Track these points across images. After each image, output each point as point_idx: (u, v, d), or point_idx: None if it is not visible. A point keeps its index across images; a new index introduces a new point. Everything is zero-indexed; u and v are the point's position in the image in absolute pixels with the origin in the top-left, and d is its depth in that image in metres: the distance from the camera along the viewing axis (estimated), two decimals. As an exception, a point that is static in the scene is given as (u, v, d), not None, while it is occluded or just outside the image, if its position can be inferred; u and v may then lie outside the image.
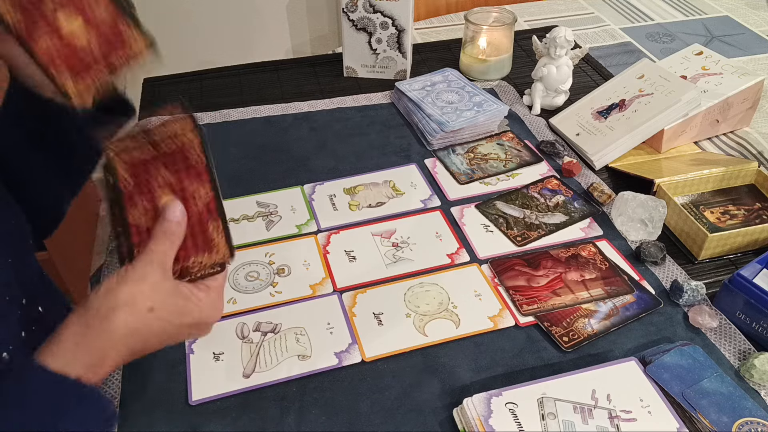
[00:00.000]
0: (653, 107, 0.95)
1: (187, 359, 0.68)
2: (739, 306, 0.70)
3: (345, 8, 1.11)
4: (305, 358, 0.69)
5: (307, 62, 1.25)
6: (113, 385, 0.66)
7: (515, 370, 0.67)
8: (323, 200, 0.90)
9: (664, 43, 1.39)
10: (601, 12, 1.54)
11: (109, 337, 0.48)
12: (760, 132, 1.04)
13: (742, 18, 1.49)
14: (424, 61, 1.23)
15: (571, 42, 1.03)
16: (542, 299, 0.74)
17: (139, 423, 0.63)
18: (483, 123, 1.01)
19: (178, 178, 0.52)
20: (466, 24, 1.14)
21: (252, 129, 1.05)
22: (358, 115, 1.08)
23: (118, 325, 0.48)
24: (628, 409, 0.62)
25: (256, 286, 0.77)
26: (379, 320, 0.73)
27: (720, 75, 1.02)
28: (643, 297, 0.75)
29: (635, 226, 0.83)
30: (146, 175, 0.51)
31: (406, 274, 0.78)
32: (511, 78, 1.18)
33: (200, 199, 0.53)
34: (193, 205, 0.53)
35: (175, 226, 0.51)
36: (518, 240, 0.83)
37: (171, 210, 0.51)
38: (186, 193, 0.53)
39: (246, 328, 0.72)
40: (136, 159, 0.51)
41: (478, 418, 0.60)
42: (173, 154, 0.52)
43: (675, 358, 0.66)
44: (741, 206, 0.87)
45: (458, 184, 0.93)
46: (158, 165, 0.52)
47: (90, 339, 0.48)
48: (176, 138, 0.52)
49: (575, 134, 0.99)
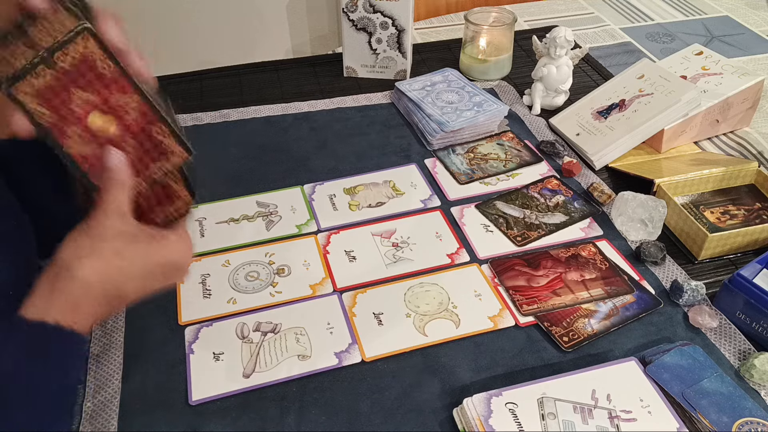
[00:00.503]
0: (653, 107, 0.95)
1: (187, 359, 0.68)
2: (739, 306, 0.70)
3: (345, 8, 1.11)
4: (305, 358, 0.69)
5: (307, 62, 1.25)
6: (113, 385, 0.66)
7: (515, 370, 0.67)
8: (323, 200, 0.90)
9: (664, 43, 1.39)
10: (601, 12, 1.54)
11: (79, 283, 0.49)
12: (760, 132, 1.04)
13: (742, 18, 1.48)
14: (424, 61, 1.23)
15: (571, 42, 1.03)
16: (542, 299, 0.74)
17: (139, 423, 0.63)
18: (483, 123, 1.01)
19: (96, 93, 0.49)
20: (466, 24, 1.14)
21: (252, 129, 1.05)
22: (358, 115, 1.08)
23: (85, 270, 0.49)
24: (628, 409, 0.62)
25: (256, 286, 0.77)
26: (379, 320, 0.73)
27: (720, 75, 1.02)
28: (643, 297, 0.75)
29: (635, 226, 0.83)
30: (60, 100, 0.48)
31: (406, 274, 0.78)
32: (511, 78, 1.18)
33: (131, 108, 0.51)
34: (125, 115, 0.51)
35: (117, 172, 0.51)
36: (518, 240, 0.83)
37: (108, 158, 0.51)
38: (111, 105, 0.50)
39: (246, 328, 0.72)
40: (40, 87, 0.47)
41: (478, 418, 0.60)
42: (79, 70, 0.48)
43: (675, 358, 0.66)
44: (741, 206, 0.87)
45: (458, 184, 0.93)
46: (67, 86, 0.48)
47: (60, 286, 0.49)
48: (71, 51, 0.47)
49: (575, 134, 0.99)
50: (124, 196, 0.52)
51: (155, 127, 0.52)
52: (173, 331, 0.71)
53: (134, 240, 0.51)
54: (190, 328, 0.72)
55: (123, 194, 0.51)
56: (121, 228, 0.51)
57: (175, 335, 0.71)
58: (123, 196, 0.51)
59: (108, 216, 0.50)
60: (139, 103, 0.51)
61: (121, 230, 0.51)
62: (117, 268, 0.50)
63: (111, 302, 0.51)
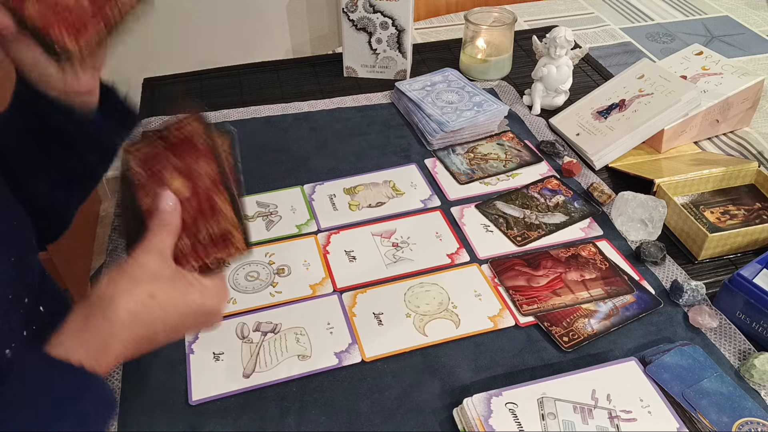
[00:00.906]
0: (653, 107, 0.95)
1: (187, 359, 0.68)
2: (739, 306, 0.70)
3: (345, 8, 1.11)
4: (305, 358, 0.69)
5: (307, 62, 1.25)
6: (113, 385, 0.66)
7: (515, 370, 0.67)
8: (323, 200, 0.90)
9: (664, 43, 1.39)
10: (601, 12, 1.54)
11: (111, 324, 0.48)
12: (760, 132, 1.04)
13: (742, 18, 1.49)
14: (424, 61, 1.23)
15: (571, 42, 1.03)
16: (542, 299, 0.74)
17: (139, 423, 0.63)
18: (483, 123, 1.01)
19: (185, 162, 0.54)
20: (466, 24, 1.14)
21: (252, 129, 1.05)
22: (358, 115, 1.08)
23: (119, 312, 0.48)
24: (628, 409, 0.62)
25: (256, 286, 0.77)
26: (379, 320, 0.73)
27: (720, 75, 1.02)
28: (643, 297, 0.75)
29: (635, 226, 0.83)
30: (157, 165, 0.54)
31: (406, 274, 0.78)
32: (511, 78, 1.18)
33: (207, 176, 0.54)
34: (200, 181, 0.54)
35: (168, 215, 0.52)
36: (518, 240, 0.83)
37: (163, 200, 0.52)
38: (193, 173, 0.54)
39: (246, 328, 0.72)
40: (148, 153, 0.54)
41: (478, 418, 0.60)
42: (181, 143, 0.54)
43: (675, 358, 0.66)
44: (741, 206, 0.87)
45: (458, 184, 0.93)
46: (167, 154, 0.54)
47: (92, 326, 0.48)
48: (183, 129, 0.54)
49: (575, 134, 0.99)
50: (169, 239, 0.52)
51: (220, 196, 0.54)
52: (173, 331, 0.71)
53: (171, 285, 0.51)
54: (190, 328, 0.72)
55: (168, 237, 0.52)
56: (160, 270, 0.50)
57: (175, 335, 0.71)
58: (168, 238, 0.52)
59: (149, 256, 0.50)
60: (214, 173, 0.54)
61: (160, 273, 0.50)
62: (150, 312, 0.49)
63: (140, 345, 0.50)
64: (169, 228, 0.52)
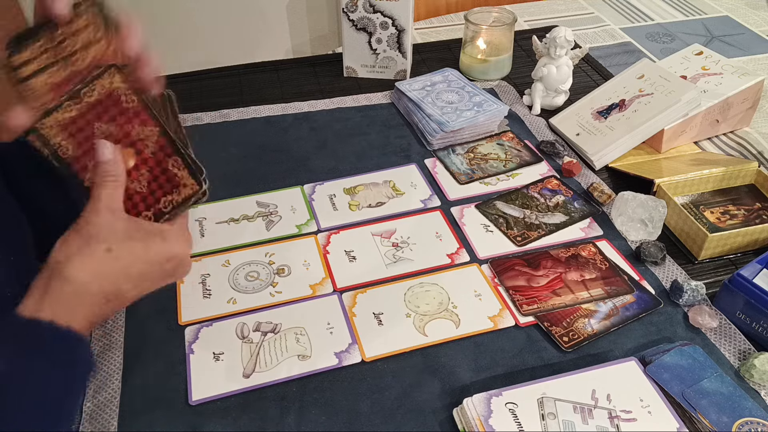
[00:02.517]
0: (653, 107, 0.95)
1: (187, 359, 0.68)
2: (739, 306, 0.70)
3: (345, 8, 1.11)
4: (305, 358, 0.69)
5: (307, 62, 1.25)
6: (113, 385, 0.66)
7: (515, 370, 0.67)
8: (323, 200, 0.90)
9: (664, 43, 1.39)
10: (601, 12, 1.54)
11: (71, 285, 0.48)
12: (760, 132, 1.04)
13: (742, 18, 1.48)
14: (424, 61, 1.23)
15: (571, 42, 1.03)
16: (542, 299, 0.74)
17: (139, 423, 0.63)
18: (483, 123, 1.01)
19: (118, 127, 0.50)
20: (466, 24, 1.14)
21: (252, 129, 1.05)
22: (358, 115, 1.08)
23: (76, 272, 0.48)
24: (628, 409, 0.62)
25: (256, 286, 0.77)
26: (379, 320, 0.73)
27: (720, 75, 1.02)
28: (643, 297, 0.75)
29: (635, 226, 0.83)
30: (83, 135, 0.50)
31: (406, 274, 0.78)
32: (511, 78, 1.18)
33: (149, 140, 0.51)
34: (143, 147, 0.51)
35: (108, 165, 0.50)
36: (518, 240, 0.83)
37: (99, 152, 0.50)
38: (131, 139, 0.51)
39: (246, 328, 0.72)
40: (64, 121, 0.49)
41: (478, 418, 0.60)
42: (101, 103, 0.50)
43: (675, 358, 0.66)
44: (741, 206, 0.87)
45: (458, 184, 0.93)
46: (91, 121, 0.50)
47: (54, 290, 0.48)
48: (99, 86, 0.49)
49: (575, 134, 0.99)
50: (117, 192, 0.50)
51: (171, 159, 0.52)
52: (173, 331, 0.71)
53: (128, 237, 0.50)
54: (190, 328, 0.72)
55: (115, 190, 0.50)
56: (113, 226, 0.49)
57: (175, 335, 0.71)
58: (115, 192, 0.50)
59: (99, 214, 0.49)
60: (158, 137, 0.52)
61: (113, 228, 0.49)
62: (110, 267, 0.49)
63: (109, 302, 0.50)
64: (113, 178, 0.50)
